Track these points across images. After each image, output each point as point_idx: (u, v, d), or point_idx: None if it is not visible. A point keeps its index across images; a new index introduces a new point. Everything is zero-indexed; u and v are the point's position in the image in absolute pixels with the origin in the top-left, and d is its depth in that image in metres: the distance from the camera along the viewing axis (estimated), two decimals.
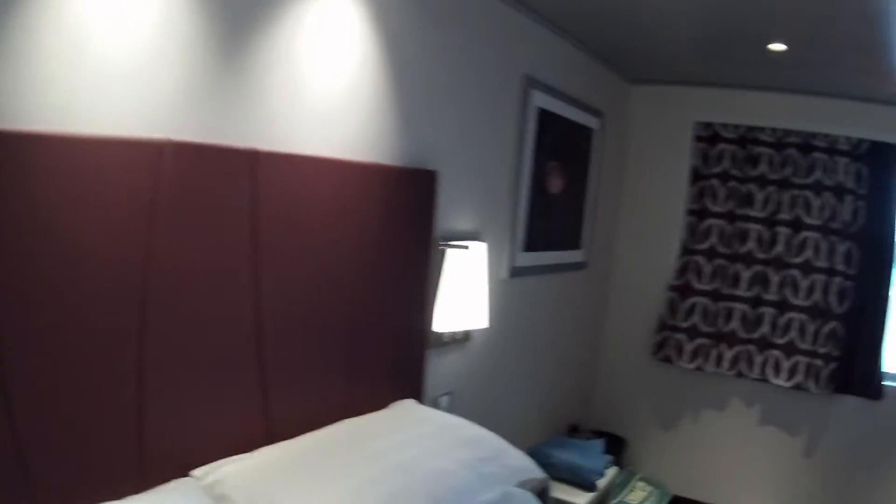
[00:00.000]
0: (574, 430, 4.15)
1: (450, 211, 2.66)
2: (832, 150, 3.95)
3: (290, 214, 1.86)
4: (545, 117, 3.24)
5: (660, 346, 4.32)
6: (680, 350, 4.24)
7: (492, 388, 3.18)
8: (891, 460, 3.96)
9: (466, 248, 2.53)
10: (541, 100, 3.18)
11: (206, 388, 1.68)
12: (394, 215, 2.27)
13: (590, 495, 3.25)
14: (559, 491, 3.20)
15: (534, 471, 2.19)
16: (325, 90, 2.01)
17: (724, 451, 4.32)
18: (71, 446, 1.39)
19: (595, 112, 3.84)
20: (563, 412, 4.12)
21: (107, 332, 1.44)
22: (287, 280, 1.87)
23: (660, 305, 4.32)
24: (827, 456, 4.10)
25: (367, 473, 1.65)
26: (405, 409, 2.22)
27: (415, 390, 2.50)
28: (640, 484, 4.22)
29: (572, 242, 3.82)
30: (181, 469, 1.60)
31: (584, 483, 3.28)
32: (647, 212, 4.45)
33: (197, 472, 1.60)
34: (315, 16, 1.93)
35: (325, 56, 1.98)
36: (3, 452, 1.27)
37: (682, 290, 4.25)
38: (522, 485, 2.13)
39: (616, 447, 4.38)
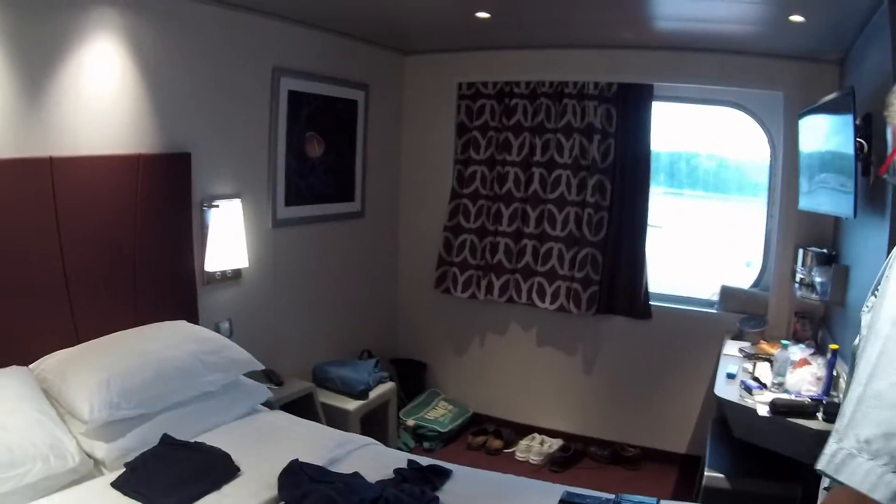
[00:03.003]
0: (369, 355, 5.66)
1: (210, 179, 4.19)
2: (581, 95, 5.21)
3: (81, 197, 3.38)
4: (297, 98, 4.78)
5: (440, 280, 5.88)
6: (455, 282, 5.79)
7: (268, 316, 4.74)
8: (662, 372, 5.29)
9: (217, 206, 4.08)
10: (292, 84, 4.71)
11: (36, 311, 3.20)
12: (158, 188, 3.79)
13: (358, 402, 4.79)
14: (332, 398, 4.77)
15: (253, 363, 3.65)
16: (99, 103, 3.49)
17: (513, 372, 5.77)
18: None
19: (358, 85, 5.41)
20: (357, 340, 5.71)
21: None
22: (83, 241, 3.39)
23: (439, 244, 5.88)
24: (604, 371, 5.45)
25: (118, 356, 3.16)
26: (168, 324, 3.70)
27: (191, 315, 4.02)
28: (443, 403, 5.81)
29: (344, 196, 5.41)
30: (23, 363, 3.09)
31: (352, 392, 4.82)
32: (424, 165, 6.04)
33: (32, 365, 3.11)
34: (87, 50, 3.39)
35: (98, 77, 3.46)
36: None
37: (453, 229, 5.80)
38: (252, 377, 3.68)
39: (418, 372, 6.04)
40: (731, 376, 3.90)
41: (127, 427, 2.93)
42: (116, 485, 2.64)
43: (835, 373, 3.46)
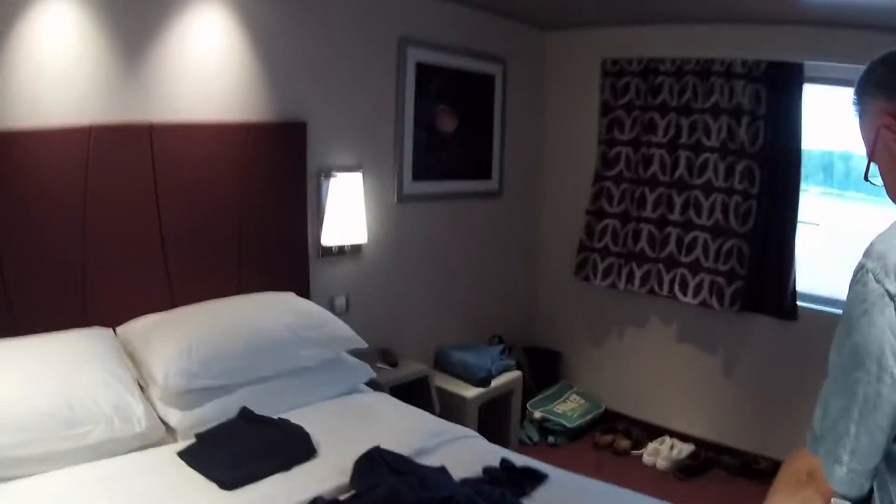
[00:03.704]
0: (499, 341, 5.47)
1: (329, 150, 4.08)
2: (728, 73, 4.85)
3: (183, 163, 3.35)
4: (426, 70, 4.60)
5: (580, 266, 5.58)
6: (595, 269, 5.48)
7: (389, 295, 4.60)
8: (805, 381, 4.63)
9: (335, 177, 3.97)
10: (420, 55, 4.54)
11: (132, 275, 3.21)
12: (269, 157, 3.71)
13: (478, 390, 4.56)
14: (451, 384, 4.58)
15: (357, 341, 3.46)
16: (204, 71, 3.45)
17: (649, 368, 5.36)
18: (42, 302, 2.93)
19: (495, 59, 5.18)
20: (487, 325, 5.49)
21: (64, 236, 2.98)
22: (183, 208, 3.37)
23: (580, 228, 5.58)
24: (745, 374, 4.93)
25: (207, 325, 3.09)
26: (270, 295, 3.60)
27: (302, 288, 3.92)
28: (575, 396, 5.52)
29: (479, 173, 5.20)
30: (112, 325, 3.11)
31: (472, 379, 4.61)
32: (566, 144, 5.74)
33: (119, 328, 3.11)
34: (191, 19, 3.36)
35: (203, 43, 3.42)
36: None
37: (595, 213, 5.48)
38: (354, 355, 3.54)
39: (552, 361, 5.77)
40: None
41: (206, 396, 2.85)
42: (183, 454, 2.57)
43: None
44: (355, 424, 3.05)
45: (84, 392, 2.53)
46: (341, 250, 4.23)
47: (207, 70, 3.49)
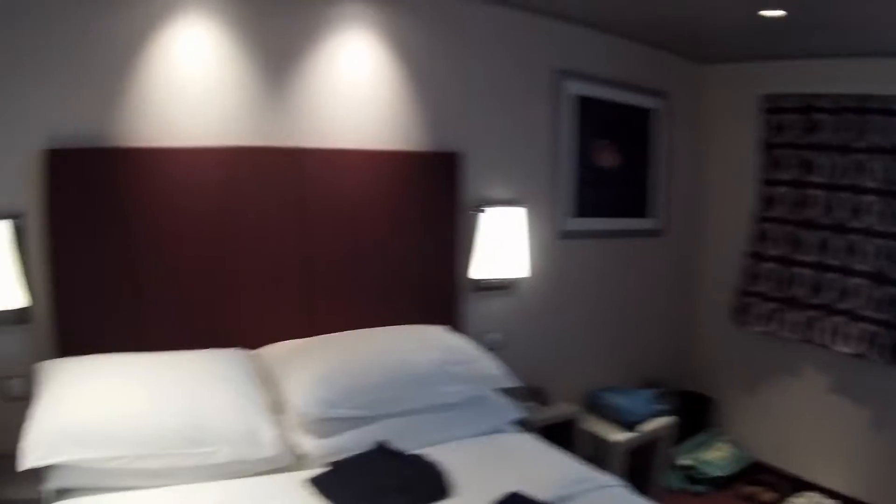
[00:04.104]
0: (650, 384, 5.15)
1: (481, 183, 4.01)
2: (886, 111, 4.49)
3: (330, 191, 3.37)
4: (583, 103, 4.47)
5: (737, 311, 5.24)
6: (753, 314, 5.12)
7: (545, 332, 4.45)
8: None
9: (487, 211, 3.89)
10: (577, 88, 4.42)
11: (269, 298, 3.24)
12: (420, 187, 3.68)
13: (627, 435, 4.32)
14: (601, 427, 4.36)
15: (504, 380, 3.29)
16: (353, 98, 3.48)
17: (800, 419, 4.99)
18: (180, 319, 2.99)
19: (654, 93, 4.98)
20: (641, 367, 5.23)
21: (205, 256, 3.05)
22: (331, 235, 3.40)
23: (738, 271, 5.23)
24: None
25: (349, 354, 3.05)
26: (419, 328, 3.52)
27: (453, 322, 3.81)
28: (722, 444, 5.17)
29: (636, 211, 5.00)
30: (250, 347, 3.13)
31: (623, 423, 4.39)
32: (723, 183, 5.43)
33: (257, 350, 3.13)
34: (339, 43, 3.42)
35: (351, 71, 3.46)
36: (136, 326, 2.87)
37: (754, 256, 5.14)
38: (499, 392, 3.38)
39: (701, 407, 5.44)
40: None
41: (343, 426, 2.79)
42: (315, 481, 2.51)
43: None
44: (495, 465, 2.87)
45: (213, 412, 2.54)
46: (497, 285, 4.13)
47: (357, 95, 3.52)
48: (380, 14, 3.53)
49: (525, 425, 3.51)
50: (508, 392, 3.45)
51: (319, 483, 2.49)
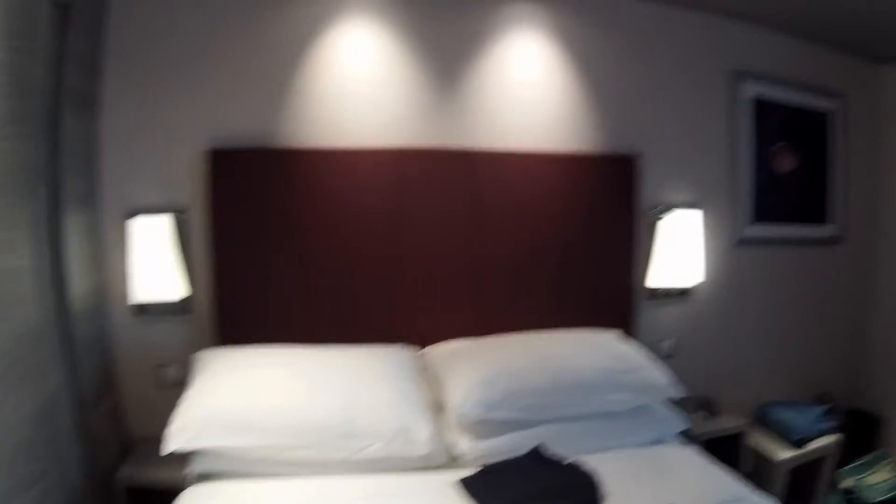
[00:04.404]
0: (819, 399, 4.77)
1: (660, 187, 3.93)
2: None
3: (503, 193, 3.42)
4: (761, 106, 4.29)
5: None
6: None
7: (718, 342, 4.30)
8: None
9: (668, 214, 3.79)
10: (755, 90, 4.24)
11: (439, 298, 3.34)
12: (596, 190, 3.65)
13: (791, 452, 4.06)
14: (765, 443, 4.13)
15: (670, 391, 3.15)
16: (524, 99, 3.49)
17: None
18: (350, 315, 3.15)
19: (831, 94, 4.67)
20: (813, 381, 4.89)
21: (377, 256, 3.20)
22: (503, 237, 3.45)
23: None
24: None
25: (515, 357, 3.04)
26: (590, 334, 3.47)
27: (626, 329, 3.73)
28: (889, 467, 4.69)
29: (814, 217, 4.71)
30: (418, 345, 3.24)
31: (789, 439, 4.13)
32: None
33: (424, 349, 3.19)
34: (508, 44, 3.45)
35: (522, 74, 3.49)
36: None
37: None
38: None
39: (869, 426, 5.01)
40: None
41: (502, 428, 2.79)
42: (465, 481, 2.51)
43: None
44: (652, 478, 2.76)
45: (368, 408, 2.60)
46: (672, 292, 4.04)
47: (527, 96, 3.54)
48: (548, 15, 3.55)
49: (689, 437, 3.38)
50: (676, 402, 3.32)
51: (468, 484, 2.50)
